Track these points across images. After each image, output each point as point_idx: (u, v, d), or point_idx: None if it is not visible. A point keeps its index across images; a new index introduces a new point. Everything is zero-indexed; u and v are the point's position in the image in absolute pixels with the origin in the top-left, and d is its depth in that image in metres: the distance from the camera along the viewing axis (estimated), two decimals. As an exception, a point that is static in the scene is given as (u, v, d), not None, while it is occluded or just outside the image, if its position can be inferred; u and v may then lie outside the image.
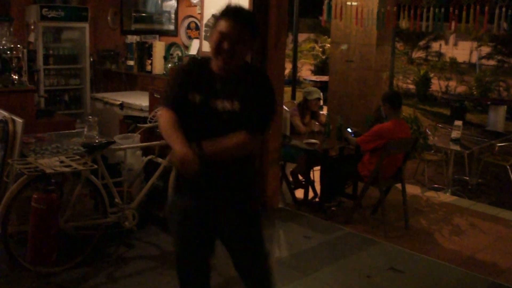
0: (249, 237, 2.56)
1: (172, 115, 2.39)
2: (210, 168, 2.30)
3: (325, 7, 6.47)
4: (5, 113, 4.14)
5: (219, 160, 2.36)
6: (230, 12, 2.34)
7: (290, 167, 5.80)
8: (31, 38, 6.64)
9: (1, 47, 5.04)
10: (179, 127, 2.34)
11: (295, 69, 9.31)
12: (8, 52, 5.02)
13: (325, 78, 13.43)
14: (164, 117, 2.42)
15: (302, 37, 17.88)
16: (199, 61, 2.55)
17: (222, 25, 2.32)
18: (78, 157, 3.87)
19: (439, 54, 19.56)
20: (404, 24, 6.22)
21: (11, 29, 5.31)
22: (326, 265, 4.17)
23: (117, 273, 3.83)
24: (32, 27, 6.73)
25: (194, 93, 2.39)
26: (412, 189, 6.22)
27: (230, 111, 2.35)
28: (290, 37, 10.65)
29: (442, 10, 5.74)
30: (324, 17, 6.59)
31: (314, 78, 15.19)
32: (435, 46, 19.46)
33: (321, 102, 6.03)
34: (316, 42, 19.52)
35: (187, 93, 2.39)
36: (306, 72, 17.56)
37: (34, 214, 3.48)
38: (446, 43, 20.58)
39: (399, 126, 4.97)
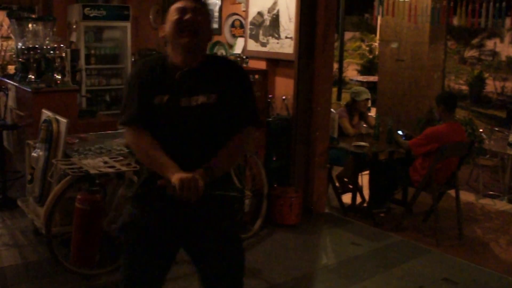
0: (226, 258, 2.23)
1: (145, 135, 2.13)
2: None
3: (376, 4, 6.26)
4: (49, 113, 4.13)
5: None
6: None
7: (337, 170, 5.62)
8: (73, 38, 6.67)
9: (44, 47, 5.05)
10: (161, 149, 2.09)
11: (341, 69, 9.12)
12: (52, 52, 5.04)
13: (372, 78, 13.16)
14: (138, 140, 2.15)
15: (347, 35, 17.50)
16: (155, 60, 2.26)
17: (179, 3, 2.14)
18: (121, 158, 3.82)
19: (494, 53, 18.84)
20: (457, 20, 5.96)
21: (54, 29, 5.32)
22: (375, 273, 4.03)
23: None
24: (74, 26, 6.75)
25: (160, 94, 2.13)
26: (466, 196, 5.95)
27: (205, 105, 2.13)
28: (335, 36, 10.46)
29: (504, 4, 5.46)
30: (375, 13, 6.39)
31: (360, 78, 14.89)
32: (489, 44, 18.73)
33: (370, 103, 5.84)
34: (363, 40, 19.14)
35: (152, 97, 2.13)
36: (352, 72, 17.22)
37: (78, 215, 3.45)
38: (502, 41, 19.75)
39: (454, 129, 4.77)
